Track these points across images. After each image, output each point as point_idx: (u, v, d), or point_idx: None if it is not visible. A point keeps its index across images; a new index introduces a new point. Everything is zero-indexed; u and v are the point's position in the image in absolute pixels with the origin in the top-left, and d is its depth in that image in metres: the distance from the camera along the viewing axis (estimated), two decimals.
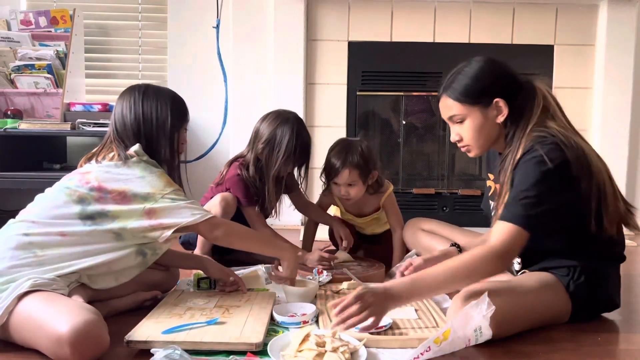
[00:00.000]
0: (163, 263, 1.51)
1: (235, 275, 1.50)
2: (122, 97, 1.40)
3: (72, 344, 1.01)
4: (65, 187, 1.28)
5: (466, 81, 1.36)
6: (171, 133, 1.40)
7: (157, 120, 1.37)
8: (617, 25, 2.92)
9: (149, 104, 1.38)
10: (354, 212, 2.03)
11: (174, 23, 3.19)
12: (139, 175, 1.29)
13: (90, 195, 1.25)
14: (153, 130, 1.37)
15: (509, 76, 1.39)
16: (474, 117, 1.36)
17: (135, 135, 1.36)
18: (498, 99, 1.34)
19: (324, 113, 3.01)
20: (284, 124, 1.83)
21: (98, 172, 1.28)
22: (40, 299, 1.09)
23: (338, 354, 1.03)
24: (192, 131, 3.21)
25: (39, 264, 1.18)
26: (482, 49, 2.96)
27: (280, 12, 2.93)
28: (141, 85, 1.42)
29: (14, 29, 3.00)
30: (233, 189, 1.86)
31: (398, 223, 1.94)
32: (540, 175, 1.23)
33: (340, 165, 1.79)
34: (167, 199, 1.28)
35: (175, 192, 1.31)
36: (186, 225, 1.29)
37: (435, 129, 3.12)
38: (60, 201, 1.25)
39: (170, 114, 1.39)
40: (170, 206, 1.28)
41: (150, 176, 1.30)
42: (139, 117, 1.36)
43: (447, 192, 3.08)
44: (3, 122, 2.67)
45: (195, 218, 1.29)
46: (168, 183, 1.32)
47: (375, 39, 2.98)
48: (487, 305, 1.10)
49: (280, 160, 1.81)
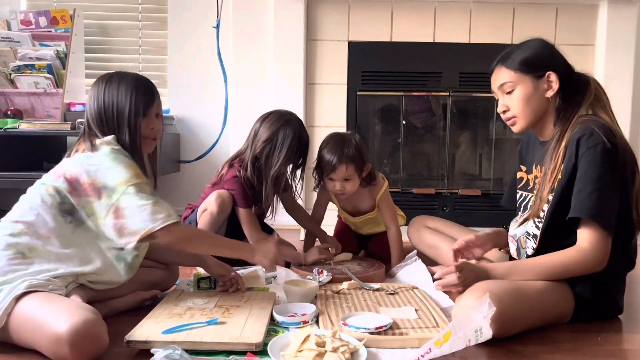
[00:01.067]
0: (162, 260, 1.52)
1: (235, 272, 1.50)
2: (91, 88, 1.38)
3: (71, 343, 1.01)
4: (42, 183, 1.28)
5: (524, 53, 1.40)
6: (133, 119, 1.33)
7: (117, 107, 1.33)
8: (617, 25, 2.92)
9: (110, 91, 1.34)
10: (349, 210, 2.02)
11: (174, 23, 3.19)
12: (107, 165, 1.26)
13: (64, 188, 1.25)
14: (114, 118, 1.33)
15: (564, 59, 1.42)
16: (525, 86, 1.37)
17: (99, 124, 1.33)
18: (550, 72, 1.36)
19: (324, 113, 3.01)
20: (286, 125, 1.84)
21: (70, 165, 1.28)
22: (38, 300, 1.09)
23: (338, 354, 1.03)
24: (192, 131, 3.22)
25: (29, 264, 1.17)
26: (482, 49, 2.97)
27: (280, 12, 2.93)
28: (107, 74, 1.39)
29: (14, 29, 3.01)
30: (231, 190, 1.87)
31: (392, 219, 1.92)
32: (609, 163, 1.25)
33: (336, 161, 1.78)
34: (131, 193, 1.23)
35: (140, 186, 1.25)
36: (146, 235, 1.23)
37: (435, 129, 3.12)
38: (38, 199, 1.25)
39: (130, 99, 1.33)
40: (132, 205, 1.23)
41: (117, 167, 1.25)
42: (101, 106, 1.33)
43: (447, 192, 3.08)
44: (3, 122, 2.67)
45: (155, 224, 1.22)
46: (135, 175, 1.26)
47: (375, 39, 2.98)
48: (488, 306, 1.10)
49: (282, 161, 1.81)
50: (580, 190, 1.26)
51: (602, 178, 1.24)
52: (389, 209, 1.94)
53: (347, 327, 1.19)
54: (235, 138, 3.06)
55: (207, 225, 1.85)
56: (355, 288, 1.55)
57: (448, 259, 1.59)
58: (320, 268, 1.70)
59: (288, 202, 2.07)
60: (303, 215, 2.08)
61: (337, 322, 1.25)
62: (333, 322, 1.25)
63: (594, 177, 1.24)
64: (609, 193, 1.25)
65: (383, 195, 1.93)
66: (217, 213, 1.83)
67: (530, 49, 1.40)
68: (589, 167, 1.25)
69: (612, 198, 1.26)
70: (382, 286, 1.57)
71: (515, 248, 1.48)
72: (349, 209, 2.02)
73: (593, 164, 1.25)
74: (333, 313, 1.32)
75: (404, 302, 1.42)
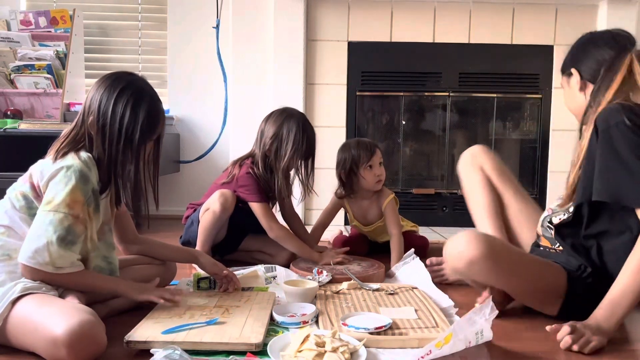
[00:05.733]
0: (157, 257, 1.51)
1: (228, 270, 1.51)
2: (101, 82, 1.27)
3: (68, 345, 1.00)
4: (12, 188, 1.25)
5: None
6: (137, 145, 1.25)
7: (126, 125, 1.23)
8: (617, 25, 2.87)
9: (122, 105, 1.23)
10: (360, 219, 2.12)
11: (174, 23, 3.19)
12: (57, 180, 1.18)
13: (30, 193, 1.22)
14: (117, 135, 1.24)
15: (589, 48, 1.42)
16: (564, 87, 1.47)
17: (98, 131, 1.24)
18: (573, 69, 1.41)
19: (324, 113, 3.01)
20: (289, 119, 1.88)
21: (34, 170, 1.24)
22: (34, 302, 1.09)
23: (338, 354, 1.03)
24: (192, 131, 3.22)
25: (16, 266, 1.17)
26: (481, 49, 2.97)
27: (280, 13, 2.93)
28: (126, 78, 1.28)
29: (13, 29, 3.01)
30: (246, 186, 1.87)
31: (394, 225, 1.99)
32: (627, 141, 1.19)
33: (372, 147, 2.01)
34: (48, 216, 1.15)
35: (65, 216, 1.15)
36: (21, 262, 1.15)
37: (435, 129, 3.12)
38: (9, 204, 1.23)
39: (141, 124, 1.24)
40: (40, 226, 1.15)
41: (64, 186, 1.17)
42: (107, 117, 1.23)
43: (447, 192, 3.08)
44: (3, 122, 2.67)
45: (29, 262, 1.13)
46: (70, 204, 1.16)
47: (375, 39, 2.98)
48: (491, 309, 1.10)
49: (289, 153, 1.85)
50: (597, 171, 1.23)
51: (618, 157, 1.19)
52: (392, 215, 2.01)
53: (347, 327, 1.19)
54: (235, 138, 3.06)
55: (209, 224, 1.85)
56: (354, 288, 1.55)
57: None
58: (319, 268, 1.71)
59: (286, 210, 2.08)
60: (298, 224, 2.09)
61: (336, 322, 1.25)
62: (333, 322, 1.25)
63: (610, 157, 1.21)
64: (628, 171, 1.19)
65: (389, 204, 2.02)
66: (220, 212, 1.83)
67: (568, 51, 1.47)
68: (604, 149, 1.22)
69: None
70: (381, 286, 1.57)
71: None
72: (359, 219, 2.12)
73: (608, 145, 1.21)
74: (333, 313, 1.32)
75: (403, 302, 1.42)
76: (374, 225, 2.10)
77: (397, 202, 2.08)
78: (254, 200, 1.87)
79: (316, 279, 1.61)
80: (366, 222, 2.12)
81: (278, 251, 1.94)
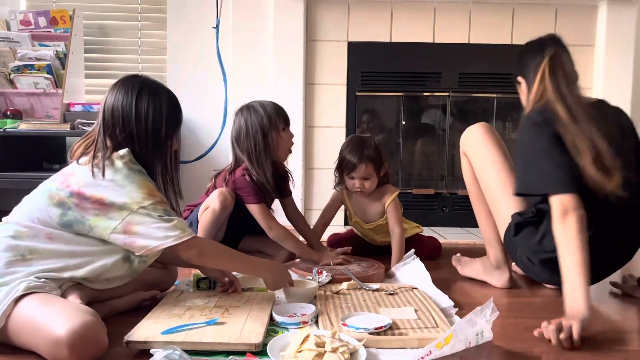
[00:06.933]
0: (160, 260, 1.51)
1: (231, 275, 1.50)
2: (115, 88, 1.30)
3: (70, 345, 1.00)
4: (47, 189, 1.24)
5: None
6: (165, 139, 1.30)
7: (152, 122, 1.28)
8: (617, 25, 2.92)
9: (144, 103, 1.27)
10: (360, 216, 2.09)
11: (174, 23, 3.20)
12: (120, 182, 1.21)
13: (70, 200, 1.20)
14: (147, 133, 1.27)
15: (525, 56, 1.54)
16: (519, 92, 1.61)
17: (122, 132, 1.27)
18: (520, 76, 1.56)
19: (323, 113, 3.01)
20: (237, 115, 1.98)
21: (80, 176, 1.22)
22: (37, 302, 1.09)
23: (338, 355, 1.03)
24: (192, 131, 3.22)
25: (28, 266, 1.16)
26: (481, 49, 2.97)
27: (280, 13, 2.93)
28: (137, 79, 1.32)
29: (13, 29, 3.01)
30: (242, 189, 1.86)
31: (397, 223, 1.96)
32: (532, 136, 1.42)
33: (357, 161, 1.93)
34: (143, 213, 1.19)
35: (154, 206, 1.20)
36: (159, 248, 1.20)
37: (435, 129, 3.12)
38: (42, 204, 1.22)
39: (166, 118, 1.29)
40: (145, 222, 1.19)
41: (131, 185, 1.21)
42: (131, 116, 1.26)
43: (447, 193, 3.08)
44: (3, 122, 2.67)
45: (166, 241, 1.20)
46: (149, 195, 1.21)
47: (375, 39, 2.99)
48: (492, 310, 1.10)
49: (260, 143, 1.86)
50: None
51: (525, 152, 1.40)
52: (395, 213, 1.99)
53: (347, 328, 1.19)
54: None
55: (208, 223, 1.85)
56: (354, 288, 1.55)
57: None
58: (319, 268, 1.70)
59: (289, 208, 2.07)
60: (302, 222, 2.08)
61: (336, 322, 1.25)
62: (332, 323, 1.25)
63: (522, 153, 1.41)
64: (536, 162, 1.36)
65: (393, 202, 2.00)
66: (220, 210, 1.83)
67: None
68: (518, 146, 1.43)
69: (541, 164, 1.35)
70: (381, 286, 1.57)
71: None
72: (360, 216, 2.09)
73: (520, 143, 1.42)
74: (332, 313, 1.32)
75: (403, 303, 1.42)
76: (375, 223, 2.06)
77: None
78: (251, 202, 1.86)
79: (316, 279, 1.61)
80: (367, 218, 2.08)
81: (277, 251, 1.94)
